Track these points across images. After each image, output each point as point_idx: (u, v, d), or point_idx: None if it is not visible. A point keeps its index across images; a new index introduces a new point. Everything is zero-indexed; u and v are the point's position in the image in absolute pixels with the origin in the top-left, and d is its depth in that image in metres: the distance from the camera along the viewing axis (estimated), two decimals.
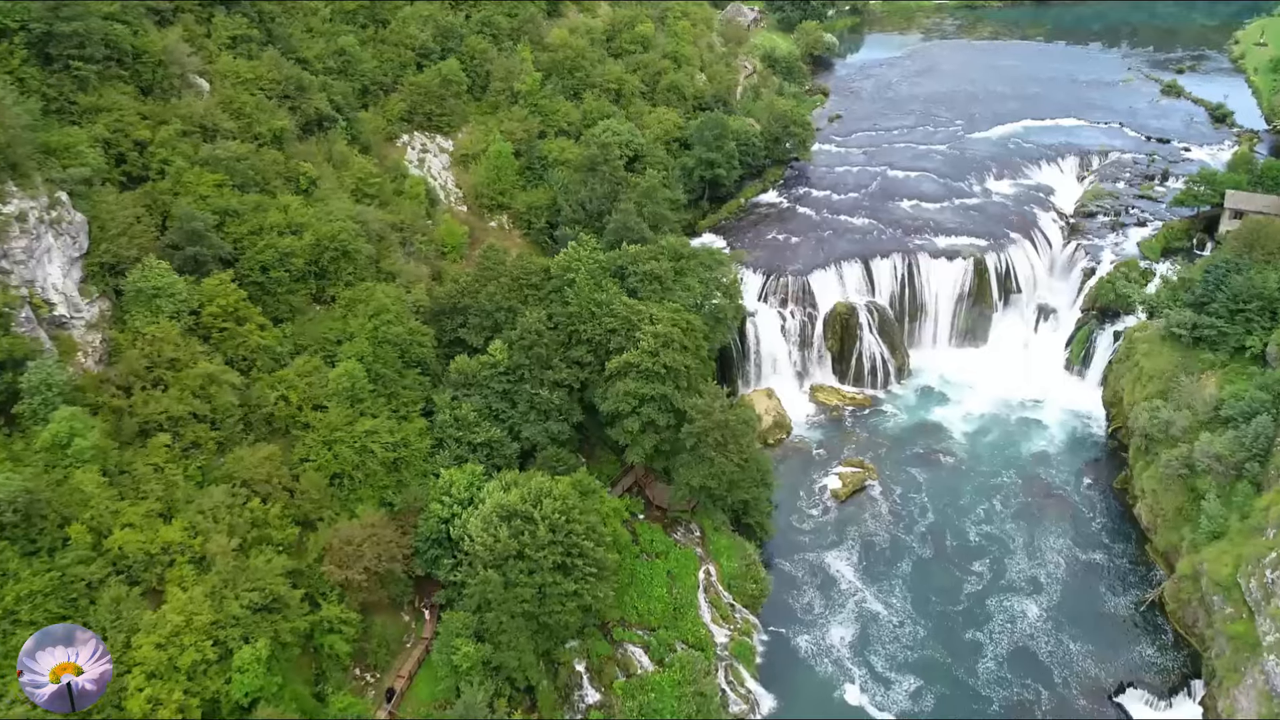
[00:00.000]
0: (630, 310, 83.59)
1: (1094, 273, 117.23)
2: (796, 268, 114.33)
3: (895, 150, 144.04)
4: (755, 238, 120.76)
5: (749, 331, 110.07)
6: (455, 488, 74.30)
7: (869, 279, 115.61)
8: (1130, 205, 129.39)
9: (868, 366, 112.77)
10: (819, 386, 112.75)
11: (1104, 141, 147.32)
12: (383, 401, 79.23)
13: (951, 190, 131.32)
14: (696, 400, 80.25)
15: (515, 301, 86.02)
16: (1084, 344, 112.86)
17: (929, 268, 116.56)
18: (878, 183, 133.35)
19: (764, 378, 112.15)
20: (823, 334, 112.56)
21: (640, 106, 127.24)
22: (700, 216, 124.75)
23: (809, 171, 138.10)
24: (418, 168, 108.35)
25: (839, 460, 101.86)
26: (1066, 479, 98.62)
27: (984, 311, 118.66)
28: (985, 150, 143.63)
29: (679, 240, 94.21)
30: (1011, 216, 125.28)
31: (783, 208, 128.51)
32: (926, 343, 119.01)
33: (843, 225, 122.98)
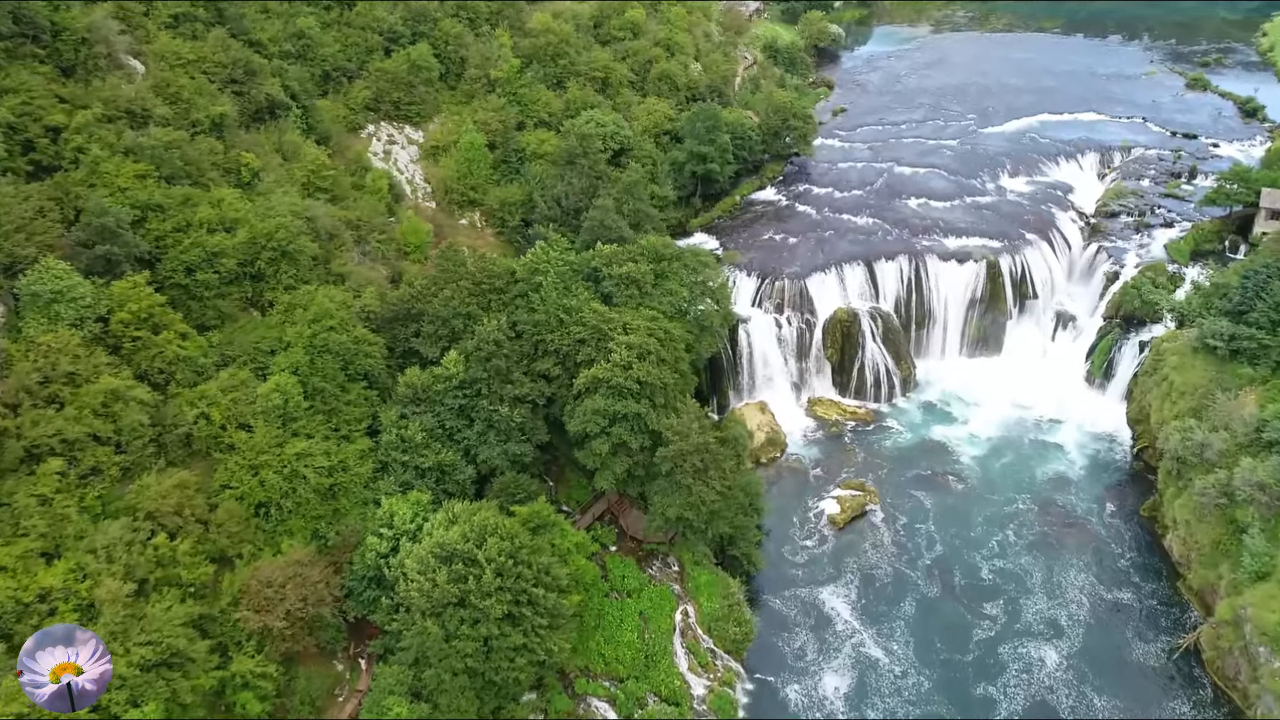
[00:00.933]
0: (601, 318, 73.81)
1: (1117, 277, 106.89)
2: (794, 270, 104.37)
3: (903, 145, 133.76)
4: (750, 238, 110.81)
5: (741, 339, 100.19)
6: (397, 518, 64.80)
7: (872, 283, 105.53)
8: (1156, 204, 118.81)
9: (870, 378, 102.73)
10: (817, 399, 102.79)
11: (1126, 137, 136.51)
12: (320, 419, 69.71)
13: (962, 188, 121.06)
14: (672, 421, 70.44)
15: (475, 307, 76.32)
16: (1106, 355, 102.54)
17: (938, 271, 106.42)
18: (883, 179, 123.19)
19: (758, 390, 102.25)
20: (822, 342, 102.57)
21: (628, 97, 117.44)
22: (692, 215, 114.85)
23: (810, 167, 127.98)
24: (383, 160, 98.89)
25: (837, 482, 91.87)
26: (1088, 506, 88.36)
27: (997, 319, 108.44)
28: (999, 145, 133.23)
29: (661, 240, 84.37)
30: (1027, 216, 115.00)
31: (781, 206, 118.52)
32: (935, 352, 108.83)
33: (845, 225, 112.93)
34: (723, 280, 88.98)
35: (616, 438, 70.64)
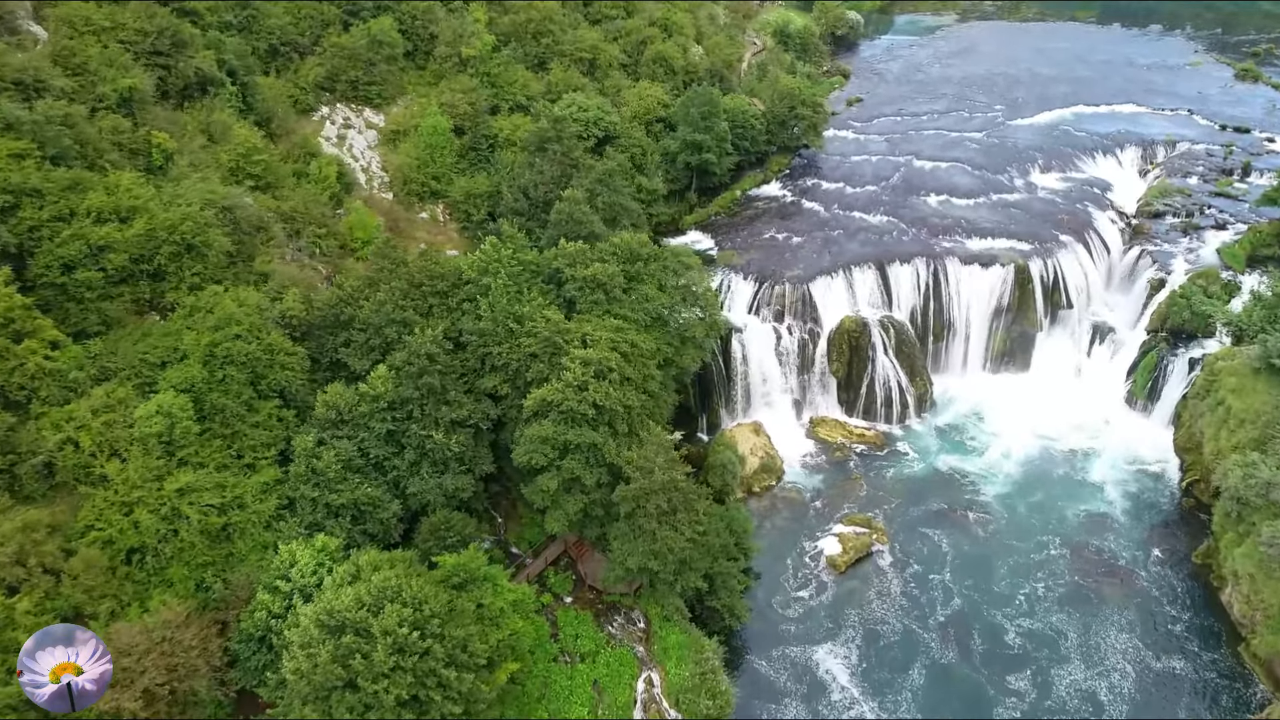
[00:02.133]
0: (555, 329, 61.49)
1: (1163, 285, 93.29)
2: (796, 273, 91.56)
3: (922, 138, 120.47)
4: (750, 237, 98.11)
5: (735, 350, 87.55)
6: (297, 569, 52.95)
7: (885, 288, 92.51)
8: (1206, 204, 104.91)
9: (881, 396, 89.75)
10: (820, 420, 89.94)
11: (1170, 130, 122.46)
12: (218, 445, 57.90)
13: (988, 184, 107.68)
14: (634, 453, 58.01)
15: (413, 313, 64.29)
16: (1151, 373, 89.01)
17: (959, 275, 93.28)
18: (900, 174, 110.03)
19: (753, 408, 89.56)
20: (826, 355, 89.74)
21: (618, 80, 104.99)
22: (685, 211, 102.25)
23: (819, 161, 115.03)
24: (336, 146, 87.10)
25: (840, 516, 79.06)
26: (1130, 551, 75.01)
27: (1026, 330, 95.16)
28: (1029, 139, 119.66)
29: (636, 238, 71.76)
30: (1060, 215, 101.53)
31: (785, 202, 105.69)
32: (954, 367, 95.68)
33: (855, 224, 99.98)
34: (708, 285, 76.31)
35: (568, 472, 58.30)
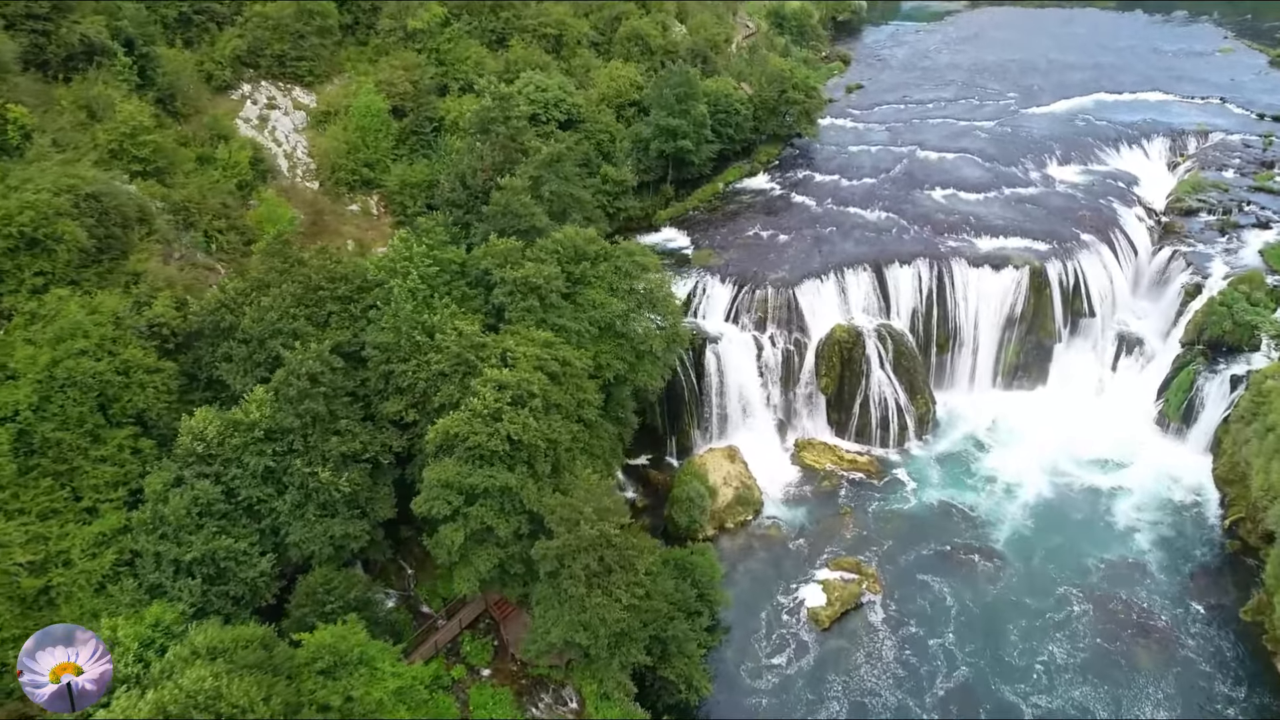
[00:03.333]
0: (466, 343, 49.66)
1: (1199, 290, 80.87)
2: (781, 276, 79.49)
3: (928, 127, 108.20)
4: (731, 234, 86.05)
5: (709, 364, 75.59)
6: (119, 651, 41.45)
7: (882, 293, 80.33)
8: (1245, 200, 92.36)
9: (876, 416, 77.63)
10: (807, 443, 77.84)
11: (1201, 120, 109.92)
12: (47, 486, 46.41)
13: (1000, 177, 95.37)
14: (557, 501, 46.21)
15: (307, 323, 52.73)
16: (1186, 392, 76.58)
17: (966, 279, 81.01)
18: (902, 166, 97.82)
19: (730, 429, 77.55)
20: (814, 369, 77.72)
21: (588, 59, 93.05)
22: (660, 204, 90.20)
23: (813, 151, 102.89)
24: (257, 128, 75.55)
25: (826, 559, 67.04)
26: (1167, 606, 62.71)
27: (1042, 341, 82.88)
28: (1045, 128, 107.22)
29: (582, 234, 59.70)
30: (1081, 212, 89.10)
31: (773, 195, 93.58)
32: (960, 383, 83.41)
33: (851, 220, 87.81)
34: (669, 288, 64.28)
35: (477, 521, 46.57)
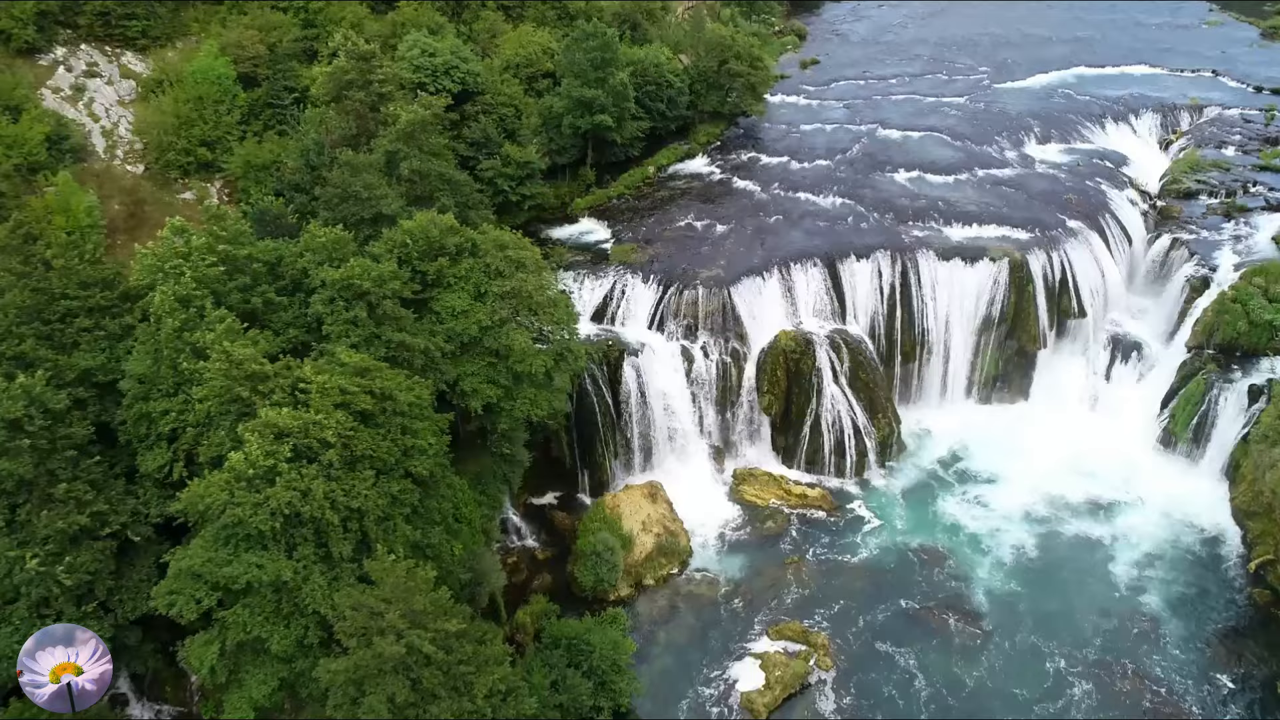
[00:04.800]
0: (236, 374, 35.54)
1: (1206, 285, 68.11)
2: (715, 273, 65.85)
3: (890, 104, 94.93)
4: (660, 225, 72.24)
5: (628, 380, 61.80)
6: None
7: (836, 293, 66.91)
8: (1251, 180, 79.82)
9: (829, 441, 64.19)
10: (748, 474, 64.18)
11: (1194, 94, 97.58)
12: None
13: (972, 157, 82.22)
14: (349, 600, 32.25)
15: (41, 344, 38.51)
16: (1195, 406, 63.70)
17: (935, 274, 67.76)
18: (861, 146, 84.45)
19: (656, 459, 63.77)
20: (755, 384, 64.20)
21: (493, 21, 78.95)
22: (579, 190, 76.21)
23: (761, 131, 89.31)
24: (70, 100, 60.98)
25: (766, 624, 53.45)
26: (1183, 677, 49.47)
27: (1024, 346, 69.86)
28: (1021, 104, 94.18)
29: (437, 221, 45.42)
30: (1066, 195, 76.10)
31: (712, 180, 79.90)
32: (929, 397, 70.13)
33: (800, 207, 74.33)
34: (554, 290, 50.27)
35: (240, 630, 32.61)
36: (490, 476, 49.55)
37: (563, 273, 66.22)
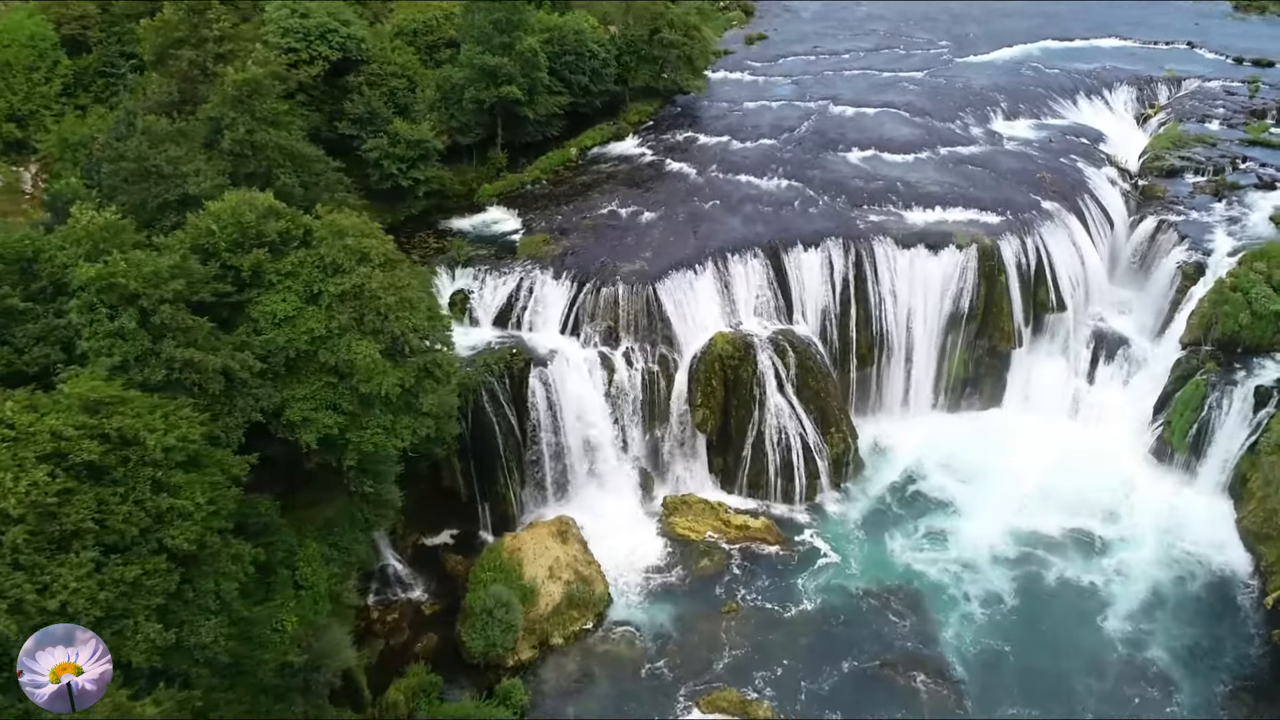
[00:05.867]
0: None
1: (1200, 272, 59.30)
2: (639, 267, 55.79)
3: (843, 80, 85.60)
4: (578, 213, 61.95)
5: (535, 394, 51.55)
6: None
7: (780, 288, 57.20)
8: (1240, 155, 71.54)
9: (775, 460, 54.41)
10: (680, 502, 54.19)
11: (1171, 67, 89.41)
12: None
13: (934, 134, 72.97)
14: None
15: None
16: (1194, 412, 54.67)
17: (894, 264, 58.25)
18: (810, 124, 74.91)
19: (573, 487, 53.49)
20: (688, 397, 54.33)
21: None
22: (490, 175, 65.85)
23: (700, 109, 79.55)
24: None
25: (697, 691, 43.57)
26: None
27: (997, 346, 60.64)
28: (986, 79, 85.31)
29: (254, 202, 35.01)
30: (1038, 173, 67.10)
31: (643, 163, 69.85)
32: (890, 406, 60.64)
33: (741, 191, 64.52)
34: (421, 290, 40.03)
35: None
36: (346, 524, 39.25)
37: (461, 270, 56.04)
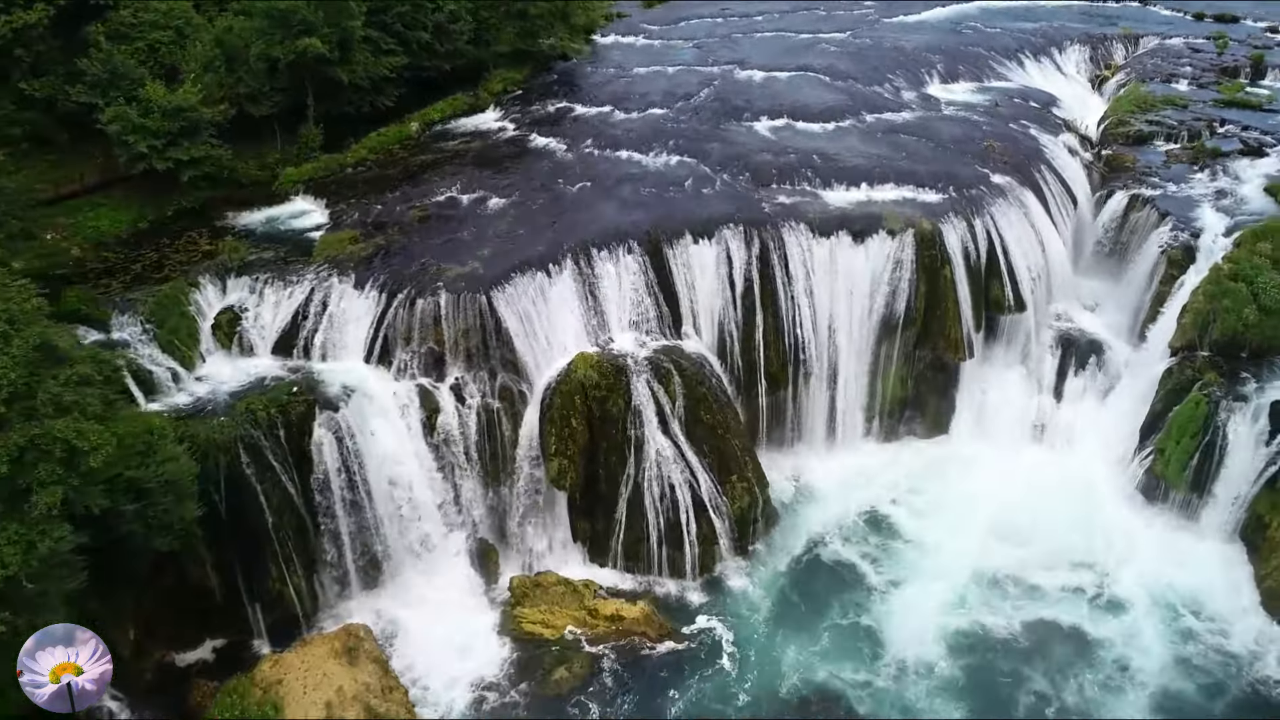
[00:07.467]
0: None
1: (1190, 257, 46.96)
2: (471, 270, 41.28)
3: (753, 42, 72.49)
4: (408, 201, 47.13)
5: (322, 449, 36.98)
6: None
7: (663, 291, 43.26)
8: (1216, 119, 59.79)
9: (659, 522, 40.44)
10: (532, 585, 39.86)
11: (1126, 24, 78.01)
12: None
13: (858, 99, 59.83)
14: None
15: None
16: (1191, 438, 41.93)
17: (810, 257, 44.75)
18: (712, 90, 61.37)
19: (386, 572, 39.05)
20: (540, 442, 40.22)
21: None
22: (300, 156, 50.90)
23: (582, 76, 65.58)
24: None
25: None
26: None
27: (942, 357, 47.46)
28: (918, 39, 72.88)
29: None
30: (985, 141, 54.25)
31: (502, 139, 55.47)
32: (811, 438, 47.06)
33: (619, 170, 50.50)
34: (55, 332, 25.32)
35: None
36: None
37: (235, 279, 41.17)
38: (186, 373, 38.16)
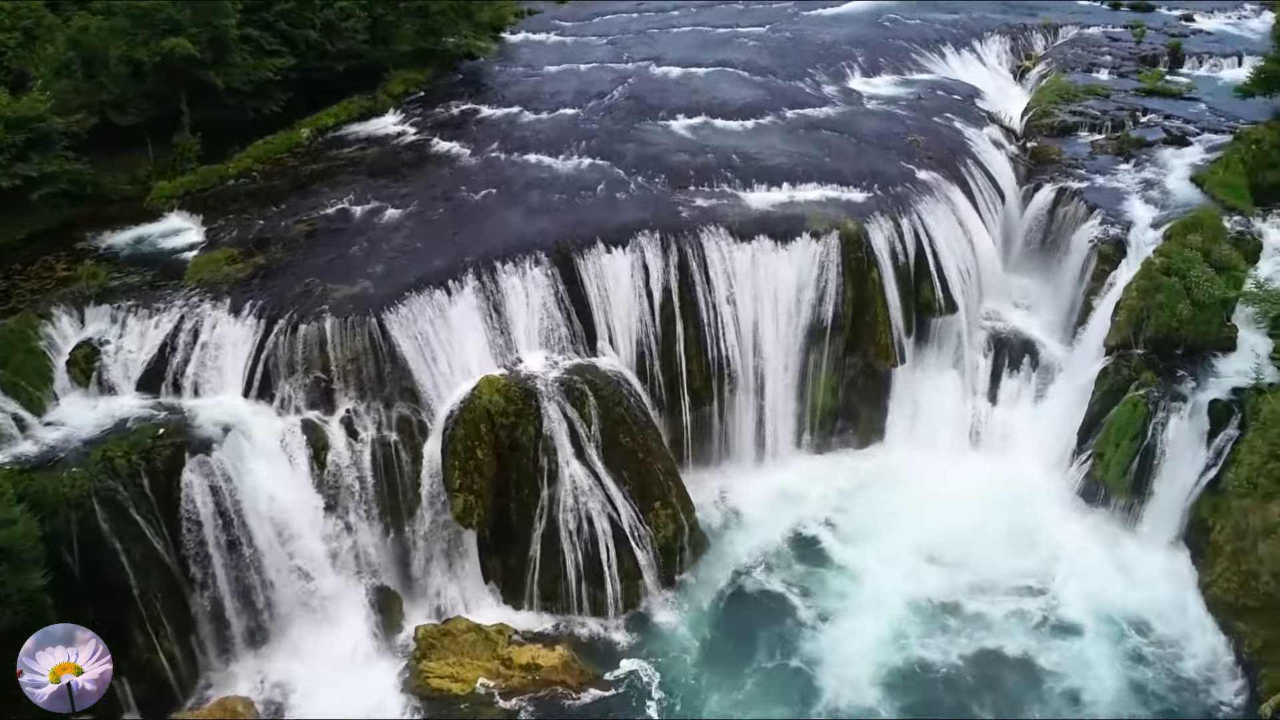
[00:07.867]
0: None
1: (1121, 251, 45.20)
2: (361, 289, 37.53)
3: (669, 38, 69.69)
4: (294, 215, 43.02)
5: (191, 498, 32.94)
6: None
7: (574, 305, 39.98)
8: (1139, 108, 58.72)
9: (576, 558, 37.18)
10: (439, 635, 36.24)
11: (1045, 14, 77.18)
12: None
13: (778, 95, 57.35)
14: None
15: None
16: (1130, 441, 40.29)
17: (731, 263, 41.89)
18: (626, 88, 58.30)
19: (274, 628, 35.21)
20: (442, 476, 36.64)
21: None
22: (175, 168, 46.36)
23: (489, 76, 61.97)
24: None
25: None
26: None
27: (872, 363, 45.09)
28: (839, 32, 70.84)
29: None
30: (909, 136, 52.16)
31: (401, 144, 51.61)
32: (740, 455, 44.12)
33: (527, 175, 47.06)
34: None
35: None
36: None
37: (94, 308, 36.72)
38: (34, 418, 33.65)
